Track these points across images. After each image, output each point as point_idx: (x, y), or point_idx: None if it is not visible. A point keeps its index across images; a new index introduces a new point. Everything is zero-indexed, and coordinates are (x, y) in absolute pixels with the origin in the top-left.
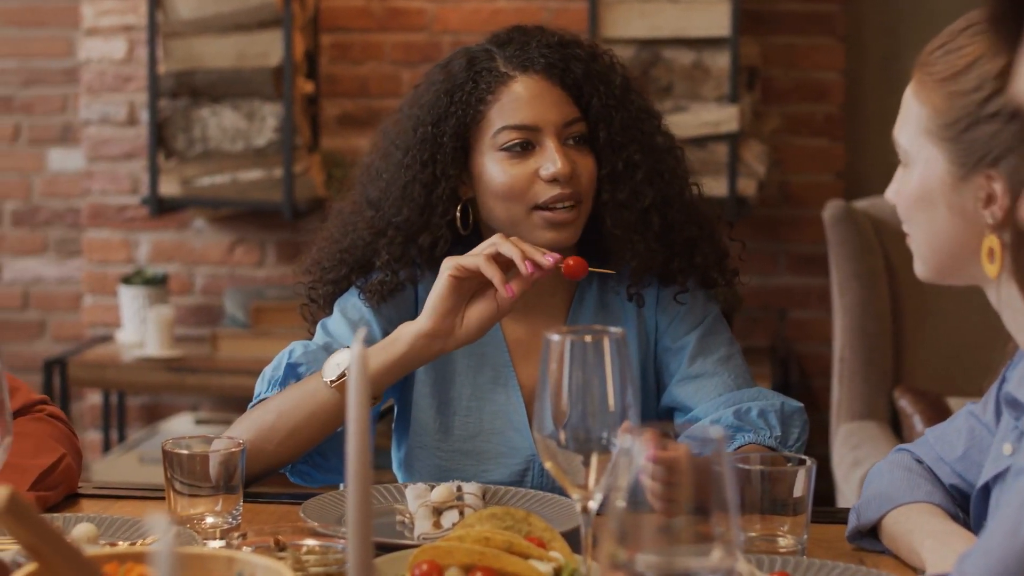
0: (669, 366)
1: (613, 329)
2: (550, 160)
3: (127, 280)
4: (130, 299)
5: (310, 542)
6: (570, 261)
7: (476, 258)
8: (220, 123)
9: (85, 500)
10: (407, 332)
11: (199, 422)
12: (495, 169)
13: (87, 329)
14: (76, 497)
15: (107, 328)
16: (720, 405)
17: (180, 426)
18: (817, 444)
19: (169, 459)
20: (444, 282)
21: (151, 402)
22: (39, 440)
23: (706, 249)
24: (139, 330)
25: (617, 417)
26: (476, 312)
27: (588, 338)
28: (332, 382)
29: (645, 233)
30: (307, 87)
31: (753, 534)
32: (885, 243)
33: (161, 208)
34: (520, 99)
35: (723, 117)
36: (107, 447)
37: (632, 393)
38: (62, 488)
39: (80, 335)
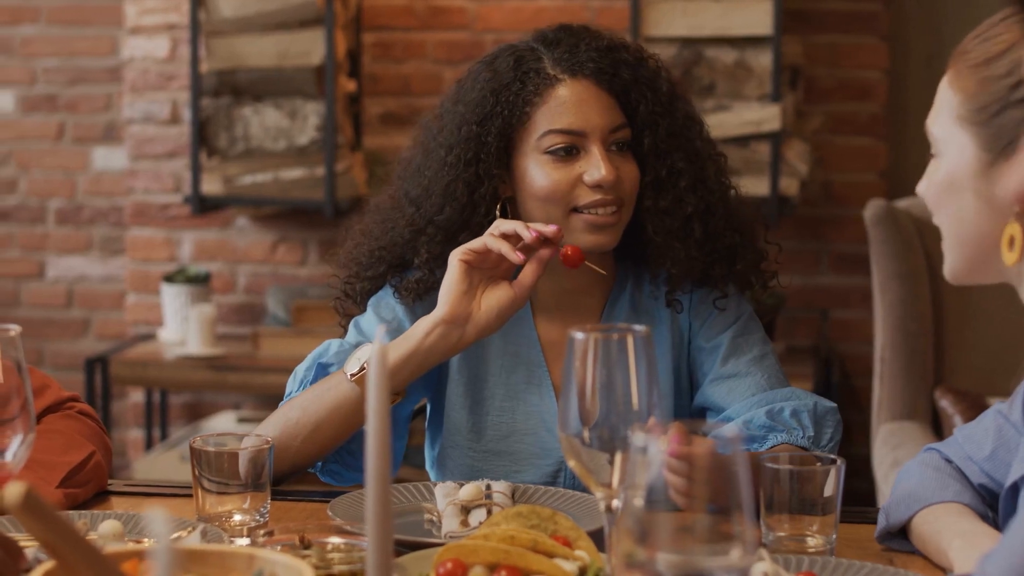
0: (702, 366)
1: (638, 327)
2: (595, 166)
3: (169, 278)
4: (172, 297)
5: (335, 540)
6: (567, 250)
7: (482, 239)
8: (262, 122)
9: (115, 497)
10: (424, 322)
11: (241, 420)
12: (538, 172)
13: (130, 327)
14: (106, 494)
15: (150, 326)
16: (753, 405)
17: (222, 424)
18: (859, 444)
19: (197, 456)
20: (455, 267)
21: (193, 400)
22: (69, 437)
23: (747, 255)
24: (181, 328)
25: (642, 415)
26: (493, 299)
27: (612, 336)
28: (352, 376)
29: (686, 241)
30: (349, 86)
31: (782, 534)
32: (927, 242)
33: (203, 207)
34: (567, 103)
35: (765, 116)
36: (149, 445)
37: (657, 391)
38: (91, 485)
39: (123, 333)
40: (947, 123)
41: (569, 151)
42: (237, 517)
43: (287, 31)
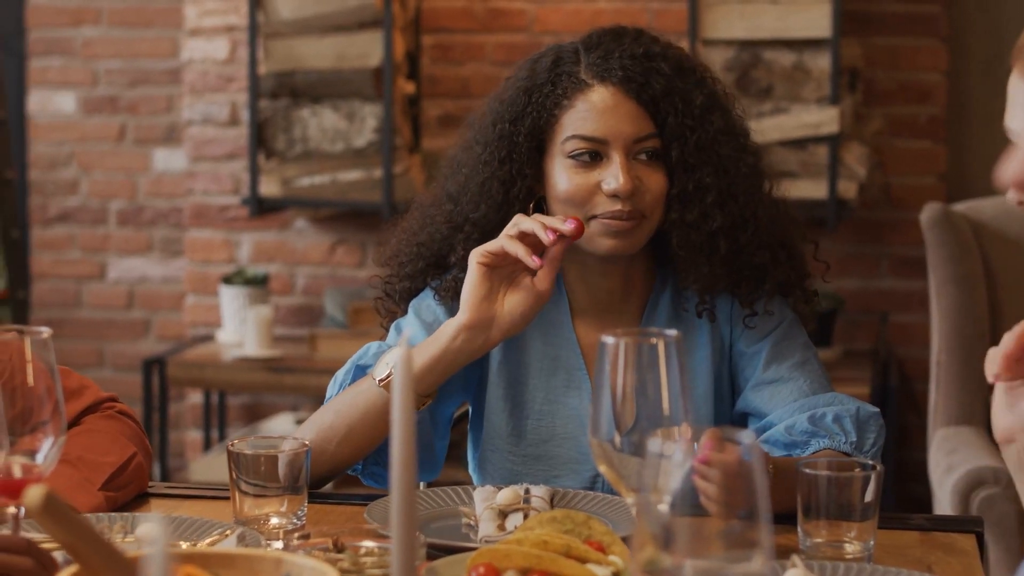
0: (744, 371)
1: (669, 331)
2: (613, 175)
3: (228, 280)
4: (230, 299)
5: (369, 544)
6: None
7: (499, 240)
8: (320, 124)
9: (155, 499)
10: (449, 327)
11: (299, 422)
12: (561, 175)
13: (189, 328)
14: (146, 496)
15: (208, 328)
16: (795, 410)
17: (280, 426)
18: (917, 448)
19: (235, 459)
20: (474, 271)
21: (252, 402)
22: (112, 437)
23: (779, 275)
24: (239, 330)
25: (673, 420)
26: (515, 300)
27: (643, 341)
28: (381, 381)
29: (711, 256)
30: (408, 88)
31: (819, 540)
32: (984, 246)
33: (261, 208)
34: (593, 109)
35: (823, 119)
36: (208, 446)
37: (689, 396)
38: (132, 487)
39: (183, 334)
40: None
41: (593, 156)
42: (274, 520)
43: (345, 33)
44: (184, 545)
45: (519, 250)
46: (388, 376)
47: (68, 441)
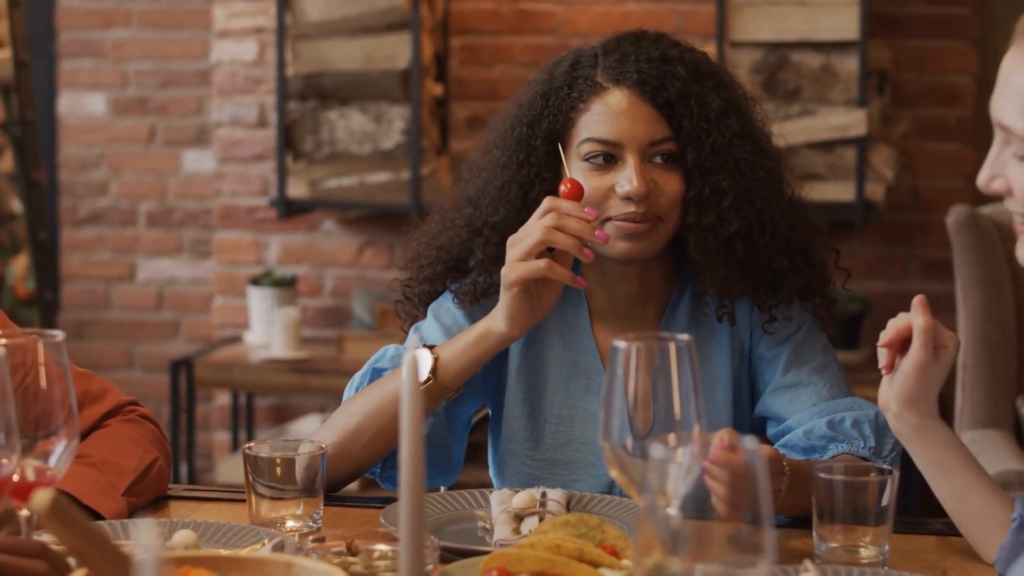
0: (763, 375)
1: (681, 335)
2: (627, 179)
3: (256, 281)
4: (258, 300)
5: (383, 547)
6: (567, 183)
7: (536, 266)
8: (348, 125)
9: (173, 502)
10: (496, 334)
11: None
12: (577, 178)
13: (217, 330)
14: (165, 499)
15: (236, 329)
16: (814, 415)
17: (308, 427)
18: None
19: (251, 463)
20: (515, 295)
21: (280, 403)
22: (135, 441)
23: (797, 281)
24: (267, 331)
25: (685, 424)
26: (548, 293)
27: (655, 345)
28: (420, 384)
29: (727, 260)
30: (436, 89)
31: (835, 544)
32: (1010, 249)
33: (289, 210)
34: (608, 112)
35: (851, 121)
36: (235, 447)
37: (701, 400)
38: (151, 492)
39: (212, 335)
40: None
41: (607, 159)
42: (290, 523)
43: (373, 35)
44: (224, 553)
45: (565, 278)
46: (427, 381)
47: (93, 444)
